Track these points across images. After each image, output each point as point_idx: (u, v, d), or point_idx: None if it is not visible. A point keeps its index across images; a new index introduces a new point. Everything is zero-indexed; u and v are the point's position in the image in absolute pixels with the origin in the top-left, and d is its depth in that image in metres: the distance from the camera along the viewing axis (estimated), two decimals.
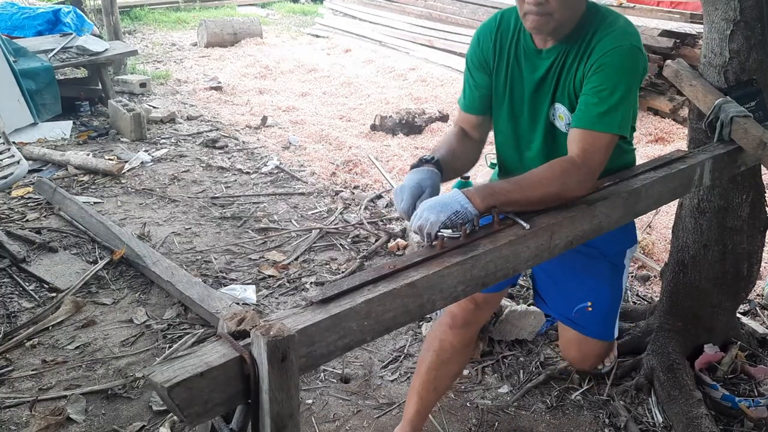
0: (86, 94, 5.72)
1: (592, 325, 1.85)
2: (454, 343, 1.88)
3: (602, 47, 1.47)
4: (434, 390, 1.95)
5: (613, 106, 1.44)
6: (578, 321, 1.85)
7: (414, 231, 1.36)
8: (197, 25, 8.95)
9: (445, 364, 1.91)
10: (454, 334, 1.88)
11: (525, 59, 1.60)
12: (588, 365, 2.07)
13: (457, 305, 1.84)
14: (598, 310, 1.82)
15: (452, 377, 2.00)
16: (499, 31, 1.64)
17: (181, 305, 2.84)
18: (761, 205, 2.27)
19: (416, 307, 1.18)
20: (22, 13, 6.56)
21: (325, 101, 6.32)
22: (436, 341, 1.91)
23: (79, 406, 2.23)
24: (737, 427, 2.17)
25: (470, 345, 1.97)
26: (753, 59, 2.04)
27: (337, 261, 3.30)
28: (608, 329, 1.88)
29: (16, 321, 2.70)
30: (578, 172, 1.43)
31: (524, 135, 1.67)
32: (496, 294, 1.89)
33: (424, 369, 1.93)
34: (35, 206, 3.75)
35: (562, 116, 1.58)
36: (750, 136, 1.81)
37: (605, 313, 1.84)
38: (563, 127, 1.59)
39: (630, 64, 1.46)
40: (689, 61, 2.31)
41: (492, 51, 1.64)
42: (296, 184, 4.28)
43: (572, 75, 1.53)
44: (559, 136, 1.62)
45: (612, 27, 1.49)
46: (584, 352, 1.95)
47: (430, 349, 1.92)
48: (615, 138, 1.47)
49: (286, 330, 0.94)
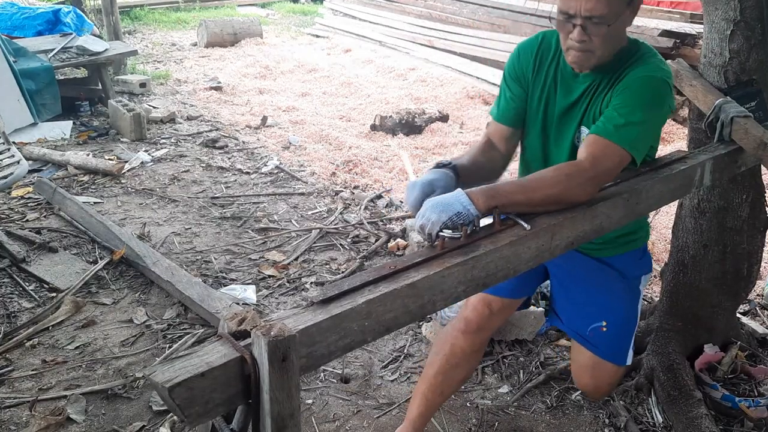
0: (86, 94, 5.72)
1: (606, 346, 1.83)
2: (465, 348, 1.89)
3: (634, 74, 1.50)
4: (441, 393, 1.96)
5: (631, 123, 1.45)
6: (592, 340, 1.83)
7: (416, 229, 1.36)
8: (197, 25, 8.96)
9: (454, 369, 1.91)
10: (466, 338, 1.88)
11: (561, 81, 1.63)
12: (601, 394, 2.04)
13: (473, 310, 1.85)
14: (613, 331, 1.81)
15: (460, 382, 2.00)
16: (540, 49, 1.66)
17: (181, 305, 2.84)
18: (761, 205, 2.28)
19: (417, 308, 1.18)
20: (22, 13, 6.56)
21: (325, 101, 6.33)
22: (447, 345, 1.91)
23: (79, 406, 2.23)
24: (737, 427, 2.17)
25: (480, 350, 1.97)
26: (753, 59, 2.04)
27: (337, 261, 3.30)
28: (622, 352, 1.85)
29: (16, 321, 2.70)
30: (583, 177, 1.43)
31: (552, 154, 1.69)
32: (512, 301, 1.89)
33: (432, 372, 1.93)
34: (35, 206, 3.75)
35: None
36: (750, 137, 1.80)
37: (620, 334, 1.82)
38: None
39: (657, 93, 1.48)
40: (689, 61, 2.31)
41: (531, 67, 1.66)
42: (296, 184, 4.28)
43: (601, 99, 1.55)
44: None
45: (648, 61, 1.52)
46: (597, 378, 1.90)
47: (440, 352, 1.92)
48: (626, 155, 1.47)
49: (287, 330, 0.94)
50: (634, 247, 1.79)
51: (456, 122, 5.64)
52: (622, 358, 1.85)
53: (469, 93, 6.31)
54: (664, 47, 5.82)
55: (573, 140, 1.63)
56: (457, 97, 6.24)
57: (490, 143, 1.74)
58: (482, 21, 7.56)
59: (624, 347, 1.85)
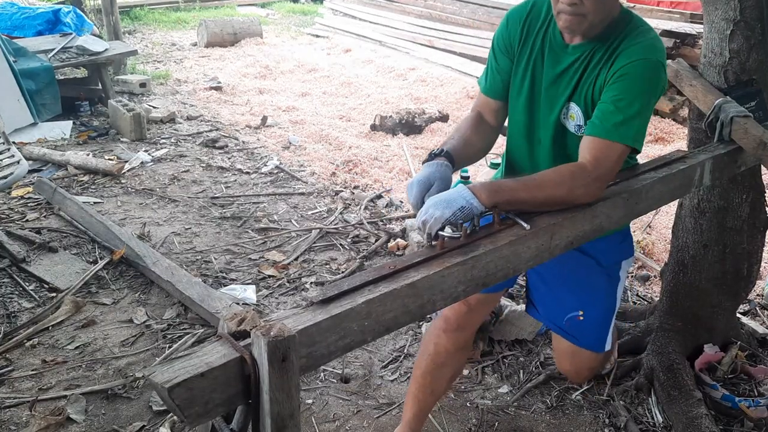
0: (86, 94, 5.71)
1: (583, 335, 1.83)
2: (449, 347, 1.86)
3: (628, 56, 1.46)
4: (431, 393, 1.94)
5: (630, 117, 1.43)
6: (569, 330, 1.83)
7: (417, 227, 1.35)
8: (197, 25, 8.95)
9: (441, 368, 1.89)
10: (448, 337, 1.85)
11: (549, 51, 1.58)
12: (582, 378, 2.04)
13: (451, 308, 1.81)
14: (590, 320, 1.80)
15: (449, 380, 1.97)
16: (529, 17, 1.61)
17: (181, 305, 2.84)
18: (761, 205, 2.28)
19: (417, 308, 1.18)
20: (22, 13, 6.55)
21: (325, 101, 6.32)
22: (431, 345, 1.89)
23: (79, 406, 2.23)
24: (737, 427, 2.17)
25: (466, 347, 1.94)
26: (753, 59, 2.04)
27: (337, 261, 3.30)
28: (600, 340, 1.84)
29: (16, 321, 2.70)
30: (587, 179, 1.42)
31: (537, 128, 1.65)
32: (490, 295, 1.86)
33: (420, 373, 1.92)
34: (35, 206, 3.75)
35: (574, 116, 1.57)
36: (750, 136, 1.81)
37: (597, 323, 1.81)
38: (572, 127, 1.58)
39: (652, 79, 1.46)
40: (689, 61, 2.31)
41: (519, 36, 1.61)
42: (296, 184, 4.28)
43: (593, 78, 1.52)
44: (568, 136, 1.60)
45: (642, 38, 1.48)
46: (577, 365, 1.92)
47: (425, 353, 1.90)
48: (627, 149, 1.46)
49: (287, 330, 0.94)
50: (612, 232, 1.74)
51: (456, 122, 5.63)
52: (601, 345, 1.85)
53: (469, 93, 6.30)
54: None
55: (559, 116, 1.59)
56: (457, 97, 6.24)
57: (480, 117, 1.71)
58: (482, 21, 7.56)
59: (602, 335, 1.84)
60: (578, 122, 1.56)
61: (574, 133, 1.58)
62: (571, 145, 1.57)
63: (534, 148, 1.68)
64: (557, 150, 1.62)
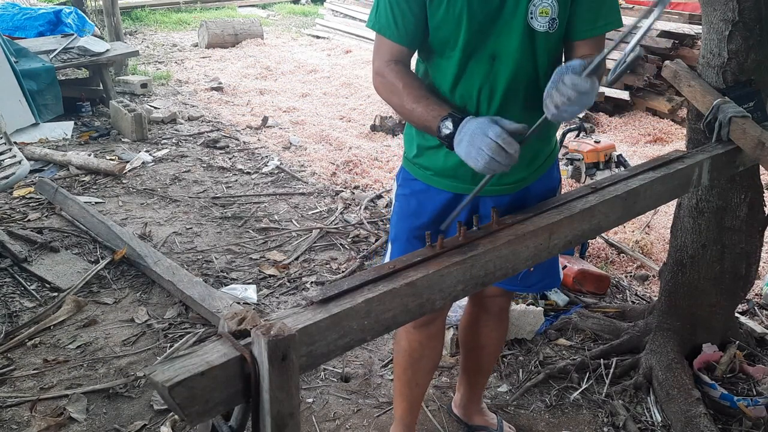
0: (87, 94, 5.73)
1: (541, 281, 1.83)
2: (422, 340, 1.85)
3: None
4: (417, 385, 1.93)
5: (613, 9, 1.47)
6: (525, 282, 1.80)
7: (556, 104, 1.24)
8: (198, 26, 8.97)
9: (418, 361, 1.88)
10: (419, 332, 1.83)
11: None
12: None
13: None
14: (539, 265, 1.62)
15: (430, 370, 1.95)
16: None
17: (182, 305, 2.85)
18: (759, 204, 2.28)
19: (416, 307, 1.18)
20: (23, 14, 6.57)
21: (325, 102, 6.33)
22: (404, 341, 1.88)
23: (80, 406, 2.24)
24: (736, 426, 2.18)
25: (439, 335, 1.90)
26: (751, 60, 2.04)
27: (338, 261, 3.31)
28: (554, 277, 1.86)
29: (18, 320, 2.71)
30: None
31: (488, 46, 1.43)
32: None
33: (401, 370, 1.92)
34: (37, 206, 3.76)
35: (547, 10, 1.40)
36: (748, 137, 1.81)
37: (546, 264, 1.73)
38: (543, 25, 1.41)
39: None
40: (688, 61, 2.31)
41: None
42: (297, 184, 4.29)
43: None
44: (537, 38, 1.43)
45: None
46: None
47: (400, 351, 1.90)
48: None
49: (287, 329, 0.95)
50: (546, 168, 1.67)
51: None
52: (558, 280, 1.88)
53: None
54: (663, 48, 5.83)
55: (526, 18, 1.40)
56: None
57: (407, 66, 1.49)
58: None
59: (555, 271, 1.85)
60: (553, 15, 1.41)
61: (545, 32, 1.42)
62: (540, 48, 1.44)
63: (491, 68, 1.46)
64: (522, 58, 1.45)
